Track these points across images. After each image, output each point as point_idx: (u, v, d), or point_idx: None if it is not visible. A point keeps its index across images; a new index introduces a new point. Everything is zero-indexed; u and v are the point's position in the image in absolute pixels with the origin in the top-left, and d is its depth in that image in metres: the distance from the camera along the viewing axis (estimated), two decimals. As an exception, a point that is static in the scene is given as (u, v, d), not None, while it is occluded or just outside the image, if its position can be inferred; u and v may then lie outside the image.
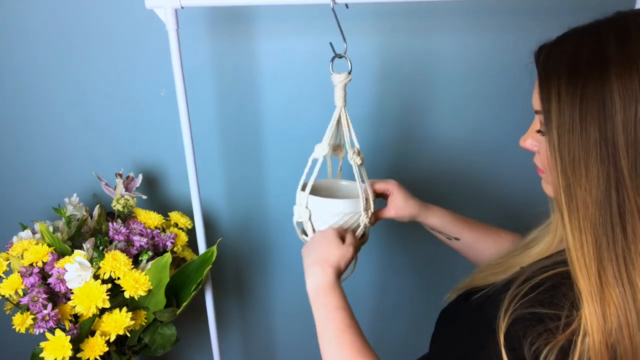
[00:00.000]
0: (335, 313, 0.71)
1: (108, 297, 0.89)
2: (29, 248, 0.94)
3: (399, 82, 1.13)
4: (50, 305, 0.89)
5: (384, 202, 0.91)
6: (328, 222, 0.83)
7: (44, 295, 0.89)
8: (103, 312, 0.92)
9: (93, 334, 0.92)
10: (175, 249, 1.06)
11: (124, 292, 0.91)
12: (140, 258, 0.99)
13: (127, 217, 1.08)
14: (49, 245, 0.95)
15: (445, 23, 1.09)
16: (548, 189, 0.64)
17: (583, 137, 0.52)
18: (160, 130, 1.16)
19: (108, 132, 1.16)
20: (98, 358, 0.91)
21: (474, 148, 1.20)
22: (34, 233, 1.00)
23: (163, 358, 1.36)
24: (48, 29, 1.07)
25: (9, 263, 0.95)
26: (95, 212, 1.08)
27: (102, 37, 1.08)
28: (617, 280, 0.52)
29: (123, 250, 0.96)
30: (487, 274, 0.71)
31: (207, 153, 1.17)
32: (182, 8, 0.86)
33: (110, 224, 1.00)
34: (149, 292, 0.95)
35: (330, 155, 0.90)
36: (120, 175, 1.07)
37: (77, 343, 0.91)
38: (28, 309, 0.89)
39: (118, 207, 1.04)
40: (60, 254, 0.95)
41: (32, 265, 0.93)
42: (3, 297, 0.92)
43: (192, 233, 1.08)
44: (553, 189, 0.57)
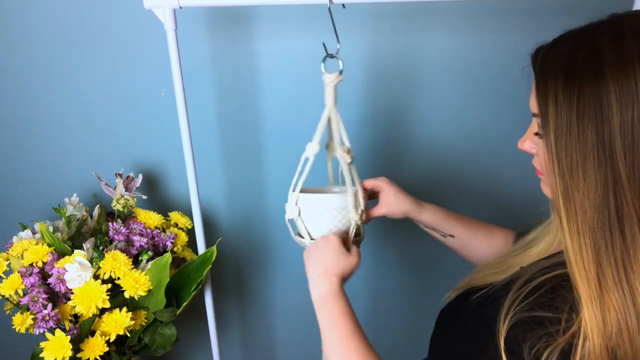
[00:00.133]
0: (340, 320, 0.71)
1: (108, 297, 0.89)
2: (29, 248, 0.94)
3: (399, 82, 1.13)
4: (50, 305, 0.89)
5: (377, 201, 0.91)
6: (318, 219, 0.82)
7: (44, 295, 0.89)
8: (103, 312, 0.92)
9: (93, 334, 0.92)
10: (175, 249, 1.06)
11: (124, 292, 0.91)
12: (140, 258, 0.99)
13: (127, 217, 1.08)
14: (49, 245, 0.95)
15: (444, 23, 1.09)
16: (547, 191, 0.63)
17: (580, 140, 0.52)
18: (160, 130, 1.16)
19: (108, 132, 1.16)
20: (98, 358, 0.91)
21: (474, 148, 1.20)
22: (34, 233, 1.00)
23: (163, 358, 1.36)
24: (48, 29, 1.07)
25: (9, 263, 0.95)
26: (95, 212, 1.08)
27: (102, 37, 1.08)
28: (616, 284, 0.52)
29: (123, 250, 0.96)
30: (486, 274, 0.71)
31: (207, 153, 1.17)
32: (180, 8, 0.86)
33: (110, 224, 1.00)
34: (149, 292, 0.95)
35: (331, 158, 0.90)
36: (120, 175, 1.07)
37: (77, 343, 0.91)
38: (28, 309, 0.89)
39: (118, 207, 1.04)
40: (60, 254, 0.95)
41: (32, 265, 0.93)
42: (3, 297, 0.92)
43: (192, 233, 1.08)
44: (551, 192, 0.57)
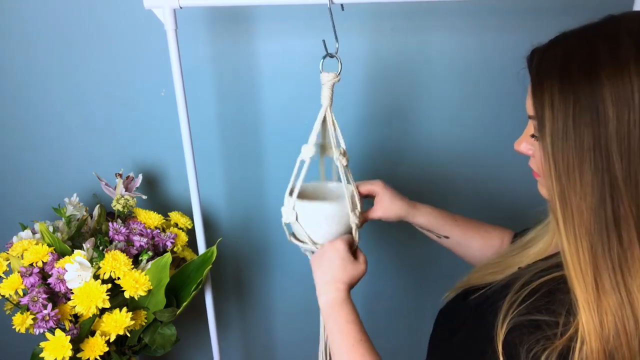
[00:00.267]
0: (347, 327, 0.72)
1: (108, 297, 0.89)
2: (29, 248, 0.94)
3: (398, 82, 1.13)
4: (50, 305, 0.89)
5: (371, 203, 0.91)
6: (317, 225, 0.83)
7: (44, 295, 0.89)
8: (103, 312, 0.92)
9: (93, 334, 0.92)
10: (175, 249, 1.06)
11: (124, 292, 0.91)
12: (140, 258, 0.99)
13: (127, 217, 1.08)
14: (49, 245, 0.95)
15: (444, 23, 1.08)
16: (544, 192, 0.63)
17: (577, 144, 0.52)
18: (160, 130, 1.16)
19: (108, 132, 1.16)
20: (98, 358, 0.91)
21: (474, 148, 1.20)
22: (34, 233, 1.00)
23: (163, 358, 1.36)
24: (48, 29, 1.07)
25: (9, 263, 0.95)
26: (95, 212, 1.08)
27: (102, 37, 1.08)
28: (613, 288, 0.51)
29: (123, 250, 0.96)
30: (484, 273, 0.71)
31: (207, 153, 1.17)
32: (180, 8, 0.86)
33: (110, 224, 1.00)
34: (149, 292, 0.95)
35: (323, 157, 0.90)
36: (120, 175, 1.07)
37: (77, 343, 0.91)
38: (28, 309, 0.89)
39: (118, 207, 1.04)
40: (60, 254, 0.95)
41: (32, 265, 0.93)
42: (3, 297, 0.92)
43: (192, 233, 1.08)
44: (548, 195, 0.57)
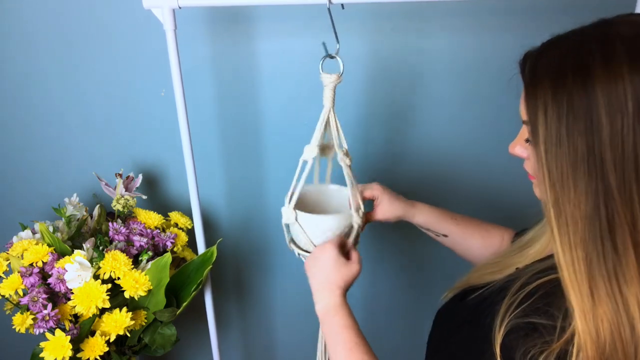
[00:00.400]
0: (344, 332, 0.73)
1: (108, 297, 0.89)
2: (29, 248, 0.94)
3: (398, 82, 1.13)
4: (50, 305, 0.89)
5: (370, 206, 0.92)
6: (316, 236, 0.82)
7: (44, 295, 0.89)
8: (103, 312, 0.92)
9: (93, 334, 0.92)
10: (175, 249, 1.06)
11: (124, 292, 0.91)
12: (140, 258, 0.99)
13: (127, 217, 1.08)
14: (49, 245, 0.95)
15: (444, 23, 1.08)
16: (539, 194, 0.63)
17: (570, 151, 0.51)
18: (160, 130, 1.16)
19: (108, 132, 1.16)
20: (98, 358, 0.91)
21: (474, 148, 1.20)
22: (34, 233, 1.00)
23: (163, 358, 1.36)
24: (48, 29, 1.07)
25: (9, 263, 0.95)
26: (95, 212, 1.08)
27: (101, 37, 1.08)
28: (609, 296, 0.51)
29: (123, 250, 0.96)
30: (483, 273, 0.71)
31: (206, 153, 1.17)
32: (179, 8, 0.86)
33: (110, 224, 1.00)
34: (149, 292, 0.95)
35: (319, 158, 0.90)
36: (120, 175, 1.07)
37: (77, 343, 0.91)
38: (28, 309, 0.89)
39: (118, 207, 1.04)
40: (60, 254, 0.96)
41: (32, 265, 0.93)
42: (3, 297, 0.92)
43: (192, 233, 1.08)
44: (542, 203, 0.56)
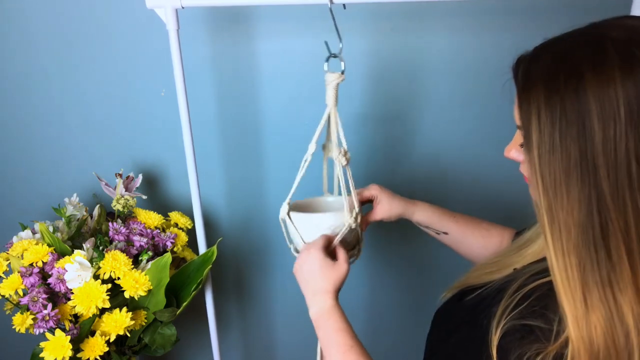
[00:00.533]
0: (337, 335, 0.73)
1: (108, 297, 0.89)
2: (29, 248, 0.94)
3: (399, 82, 1.13)
4: (50, 305, 0.89)
5: (370, 206, 0.93)
6: (312, 235, 0.83)
7: (44, 295, 0.89)
8: (103, 312, 0.92)
9: (93, 334, 0.92)
10: (175, 249, 1.06)
11: (124, 292, 0.91)
12: (140, 258, 0.99)
13: (127, 217, 1.08)
14: (49, 245, 0.95)
15: (444, 23, 1.09)
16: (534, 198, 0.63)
17: (563, 157, 0.51)
18: (161, 130, 1.16)
19: (108, 132, 1.16)
20: (98, 358, 0.91)
21: (474, 148, 1.20)
22: (34, 233, 1.00)
23: (163, 358, 1.36)
24: (48, 29, 1.07)
25: (9, 263, 0.95)
26: (95, 212, 1.08)
27: (102, 37, 1.08)
28: (602, 303, 0.50)
29: (123, 250, 0.96)
30: (481, 273, 0.71)
31: (207, 153, 1.17)
32: (182, 8, 0.86)
33: (110, 224, 1.00)
34: (149, 292, 0.95)
35: (327, 157, 0.90)
36: (120, 175, 1.07)
37: (77, 343, 0.91)
38: (28, 309, 0.89)
39: (118, 207, 1.04)
40: (60, 254, 0.95)
41: (32, 265, 0.93)
42: (3, 297, 0.92)
43: (192, 233, 1.08)
44: (535, 208, 0.56)
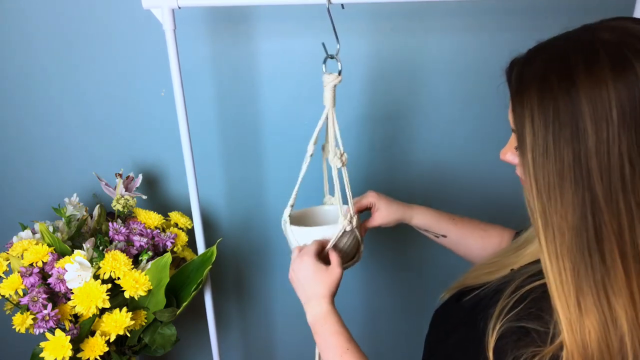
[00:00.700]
0: (333, 338, 0.74)
1: (108, 297, 0.89)
2: (29, 248, 0.94)
3: (398, 82, 1.13)
4: (50, 305, 0.89)
5: (368, 213, 0.93)
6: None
7: (44, 295, 0.89)
8: (103, 312, 0.92)
9: (93, 334, 0.92)
10: (175, 249, 1.06)
11: (124, 292, 0.91)
12: (140, 258, 0.99)
13: (127, 217, 1.08)
14: (49, 245, 0.95)
15: (444, 23, 1.08)
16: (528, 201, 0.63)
17: (557, 161, 0.51)
18: (160, 130, 1.16)
19: (108, 132, 1.16)
20: (98, 358, 0.91)
21: (474, 148, 1.20)
22: (34, 233, 1.00)
23: (163, 358, 1.36)
24: (48, 29, 1.07)
25: (9, 263, 0.95)
26: (95, 212, 1.08)
27: (102, 37, 1.08)
28: (596, 307, 0.50)
29: (123, 250, 0.96)
30: (480, 274, 0.71)
31: (207, 153, 1.17)
32: (179, 8, 0.86)
33: (110, 224, 1.00)
34: (149, 292, 0.95)
35: (326, 157, 0.90)
36: (120, 175, 1.08)
37: (77, 343, 0.91)
38: (28, 309, 0.89)
39: (118, 207, 1.04)
40: (60, 254, 0.96)
41: (32, 265, 0.93)
42: (3, 297, 0.92)
43: (192, 233, 1.08)
44: (529, 212, 0.56)
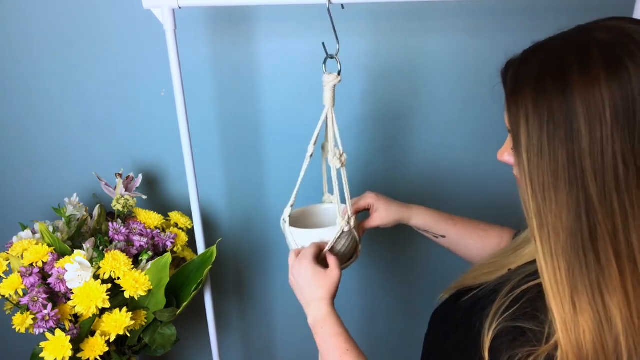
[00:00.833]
0: (333, 340, 0.75)
1: (108, 297, 0.89)
2: (29, 248, 0.94)
3: (398, 82, 1.13)
4: (50, 305, 0.89)
5: (367, 214, 0.93)
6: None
7: (44, 295, 0.89)
8: (103, 312, 0.92)
9: (93, 334, 0.92)
10: (175, 249, 1.06)
11: (124, 292, 0.91)
12: (140, 258, 0.99)
13: (127, 217, 1.08)
14: (49, 245, 0.95)
15: (444, 23, 1.08)
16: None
17: (552, 161, 0.51)
18: (160, 130, 1.16)
19: (108, 132, 1.16)
20: (98, 358, 0.91)
21: (474, 148, 1.20)
22: (34, 233, 1.00)
23: (163, 358, 1.36)
24: (48, 30, 1.07)
25: (9, 263, 0.95)
26: (95, 212, 1.08)
27: (102, 37, 1.08)
28: (591, 306, 0.50)
29: (123, 250, 0.96)
30: (478, 274, 0.72)
31: (207, 153, 1.17)
32: (179, 8, 0.86)
33: (110, 224, 1.00)
34: (149, 292, 0.95)
35: (325, 157, 0.90)
36: (120, 175, 1.08)
37: (77, 343, 0.91)
38: (28, 309, 0.89)
39: (118, 207, 1.04)
40: (60, 254, 0.96)
41: (32, 265, 0.93)
42: (3, 297, 0.92)
43: (192, 233, 1.08)
44: (525, 213, 0.56)
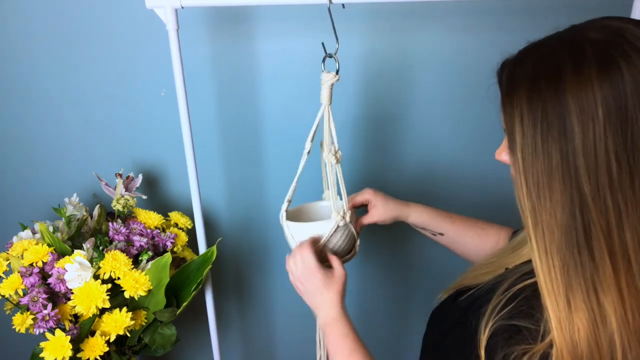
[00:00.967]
0: (341, 342, 0.75)
1: (108, 297, 0.89)
2: (29, 248, 0.94)
3: (398, 82, 1.13)
4: (50, 305, 0.89)
5: (364, 210, 0.93)
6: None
7: (44, 295, 0.89)
8: (103, 312, 0.92)
9: (93, 334, 0.92)
10: (175, 249, 1.06)
11: (124, 292, 0.91)
12: (140, 258, 0.99)
13: (127, 217, 1.08)
14: (49, 245, 0.95)
15: (444, 23, 1.09)
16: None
17: (546, 160, 0.51)
18: (160, 130, 1.16)
19: (108, 132, 1.16)
20: (98, 358, 0.91)
21: (473, 148, 1.20)
22: (34, 233, 1.00)
23: (163, 358, 1.36)
24: (48, 29, 1.07)
25: (9, 263, 0.95)
26: (95, 212, 1.08)
27: (102, 37, 1.08)
28: (586, 304, 0.51)
29: (123, 250, 0.96)
30: (477, 274, 0.72)
31: (207, 153, 1.17)
32: (182, 8, 0.86)
33: (110, 224, 1.00)
34: (149, 292, 0.95)
35: (325, 162, 0.90)
36: (120, 175, 1.08)
37: (77, 343, 0.91)
38: (28, 309, 0.89)
39: (118, 207, 1.04)
40: (60, 254, 0.95)
41: (32, 265, 0.93)
42: (3, 297, 0.92)
43: (192, 233, 1.08)
44: (521, 212, 0.56)
